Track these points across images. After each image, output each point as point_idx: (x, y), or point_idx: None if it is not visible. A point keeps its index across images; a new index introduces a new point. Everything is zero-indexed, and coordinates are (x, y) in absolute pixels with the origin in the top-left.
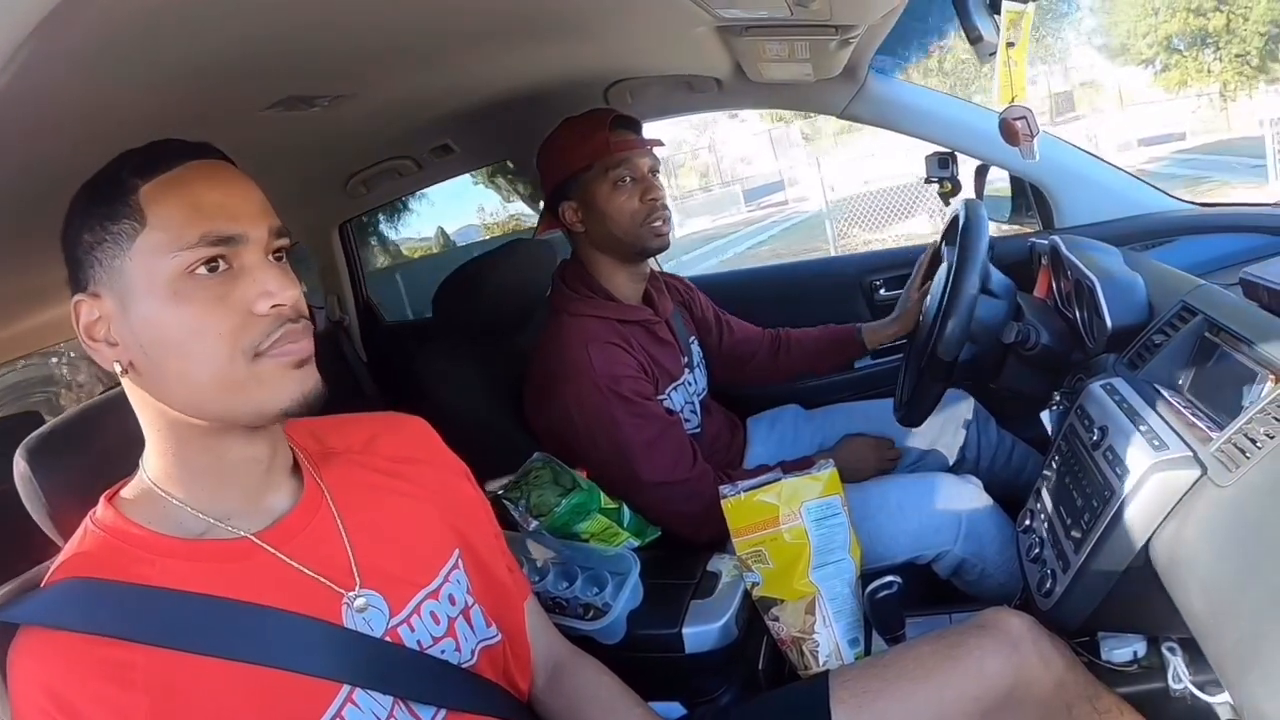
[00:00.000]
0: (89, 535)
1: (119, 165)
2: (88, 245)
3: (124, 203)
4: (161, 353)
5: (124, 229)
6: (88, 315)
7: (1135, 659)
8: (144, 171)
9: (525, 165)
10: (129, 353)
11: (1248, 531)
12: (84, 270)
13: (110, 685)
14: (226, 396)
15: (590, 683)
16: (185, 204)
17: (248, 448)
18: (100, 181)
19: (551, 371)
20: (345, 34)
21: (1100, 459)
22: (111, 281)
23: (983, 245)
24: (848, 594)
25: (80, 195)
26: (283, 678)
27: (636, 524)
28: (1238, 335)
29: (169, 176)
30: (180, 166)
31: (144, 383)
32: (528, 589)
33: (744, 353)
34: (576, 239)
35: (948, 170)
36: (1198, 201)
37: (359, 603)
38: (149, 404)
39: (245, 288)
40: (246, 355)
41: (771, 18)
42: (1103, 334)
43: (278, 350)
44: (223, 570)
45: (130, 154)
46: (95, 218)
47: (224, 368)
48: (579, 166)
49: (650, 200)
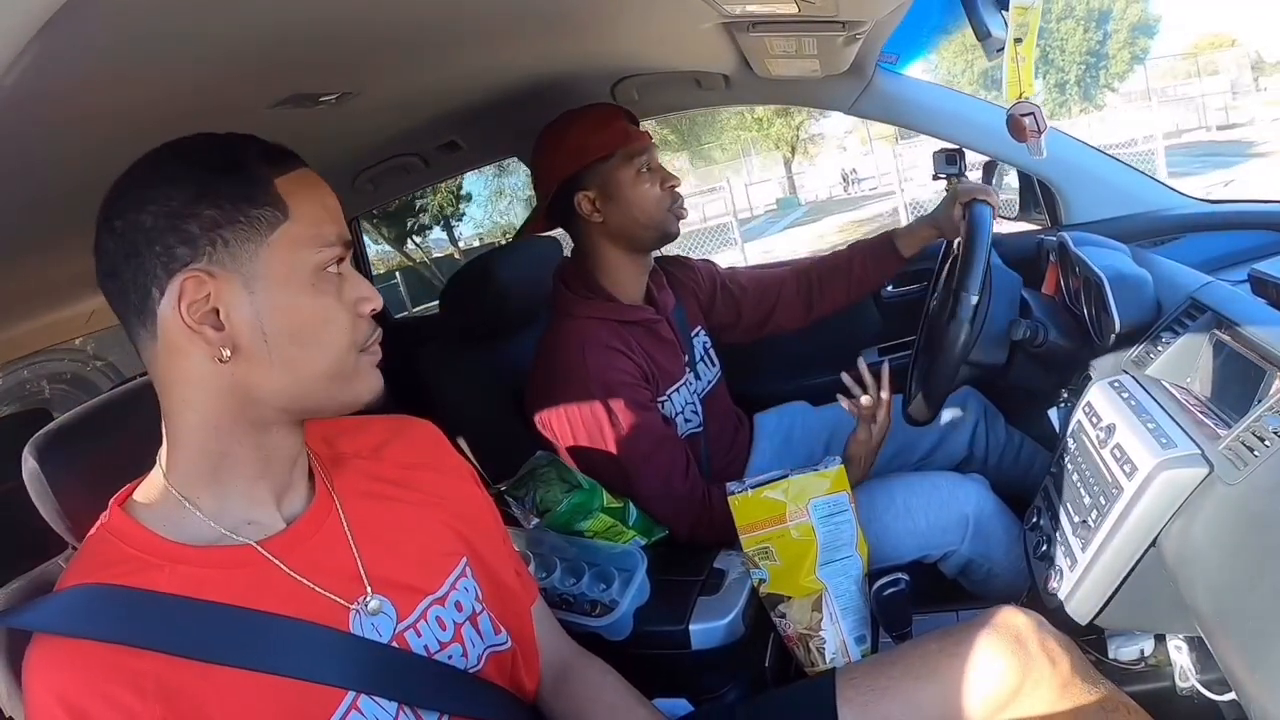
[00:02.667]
0: (101, 540)
1: (236, 150)
2: (210, 221)
3: (264, 190)
4: (287, 339)
5: (265, 215)
6: (194, 292)
7: (1142, 657)
8: (271, 162)
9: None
10: (239, 337)
11: (1256, 530)
12: (192, 247)
13: (125, 692)
14: (332, 385)
15: (595, 684)
16: (318, 204)
17: (290, 436)
18: (214, 161)
19: (550, 374)
20: (351, 31)
21: (1108, 456)
22: (237, 264)
23: (985, 249)
24: (855, 591)
25: (178, 169)
26: (290, 685)
27: (643, 522)
28: (1246, 332)
29: (295, 175)
30: (298, 169)
31: (242, 369)
32: (535, 592)
33: (768, 301)
34: (589, 231)
35: (955, 166)
36: (1206, 198)
37: (373, 605)
38: (230, 392)
39: (349, 290)
40: (355, 351)
41: (779, 14)
42: (1111, 331)
43: (373, 349)
44: (234, 577)
45: (234, 140)
46: (225, 197)
47: (341, 358)
48: (599, 154)
49: (670, 186)
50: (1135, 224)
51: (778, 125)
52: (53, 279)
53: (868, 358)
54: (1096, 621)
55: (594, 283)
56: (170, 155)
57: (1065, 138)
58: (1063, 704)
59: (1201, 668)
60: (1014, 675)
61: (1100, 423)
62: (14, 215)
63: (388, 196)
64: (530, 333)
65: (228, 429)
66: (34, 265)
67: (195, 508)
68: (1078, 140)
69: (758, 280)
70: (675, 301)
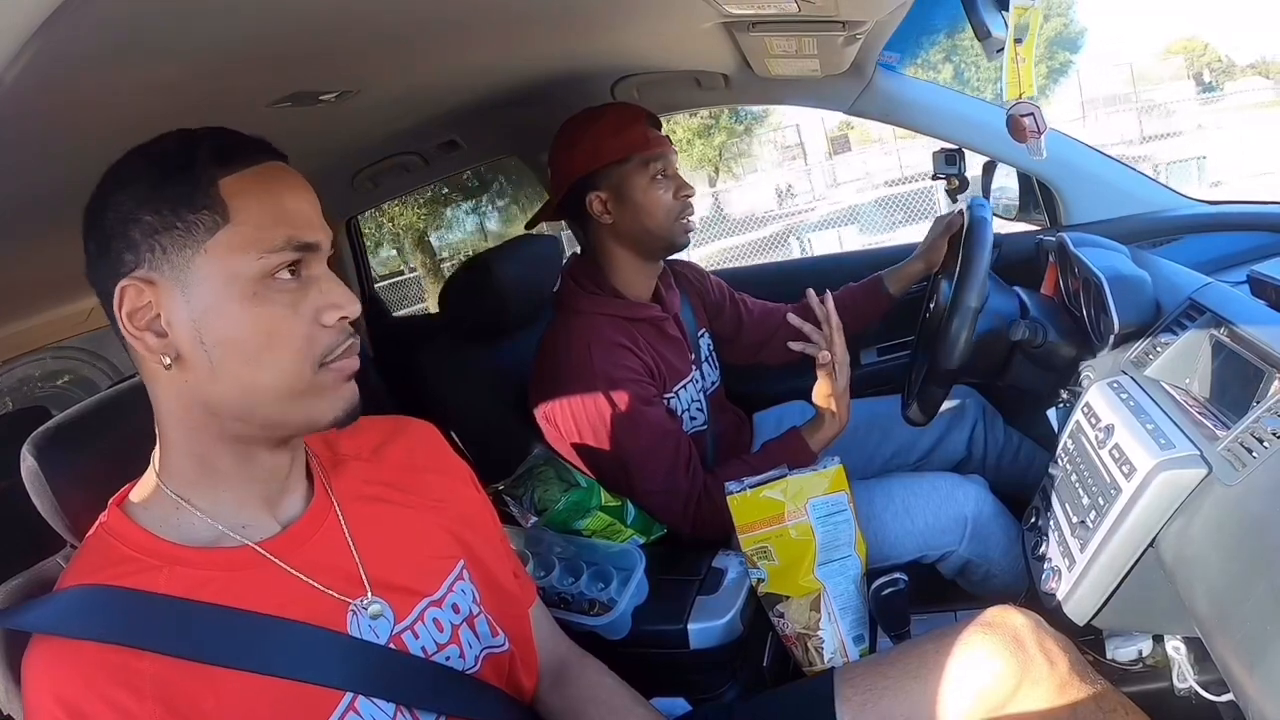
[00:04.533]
0: (101, 540)
1: (189, 148)
2: (150, 227)
3: (204, 192)
4: (226, 352)
5: (202, 220)
6: (134, 300)
7: (1140, 658)
8: (222, 161)
9: (531, 161)
10: (181, 346)
11: (1254, 531)
12: (136, 252)
13: (123, 693)
14: (285, 403)
15: (593, 684)
16: (269, 204)
17: (274, 456)
18: (168, 162)
19: (554, 369)
20: (351, 29)
21: (1106, 457)
22: (175, 271)
23: (985, 254)
24: (853, 591)
25: (138, 169)
26: (288, 687)
27: (641, 521)
28: (1245, 334)
29: (250, 173)
30: (258, 165)
31: (191, 379)
32: (534, 594)
33: (767, 330)
34: (599, 231)
35: (955, 167)
36: (1206, 199)
37: (373, 609)
38: (186, 401)
39: (315, 297)
40: (313, 366)
41: (779, 13)
42: (1110, 332)
43: (339, 364)
44: (232, 579)
45: (198, 138)
46: (165, 201)
47: (291, 375)
48: (615, 157)
49: (684, 196)
50: (1134, 225)
51: (699, 146)
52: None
53: (866, 358)
54: (1094, 622)
55: (603, 280)
56: (134, 155)
57: (1065, 138)
58: (1060, 703)
59: (1199, 668)
60: (1011, 674)
61: (1099, 423)
62: (12, 212)
63: (388, 195)
64: (530, 332)
65: (199, 435)
66: (32, 263)
67: (193, 508)
68: (1077, 141)
69: (763, 309)
70: (682, 300)
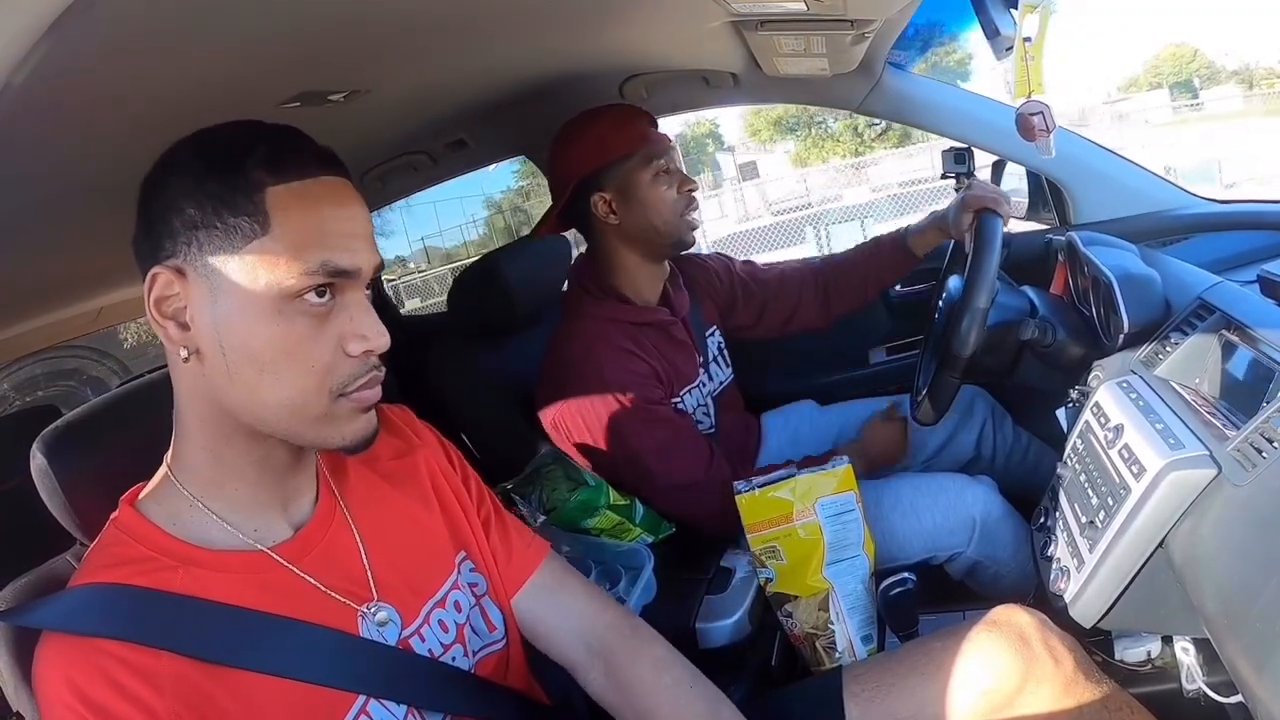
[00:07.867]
0: (114, 538)
1: (244, 148)
2: (190, 220)
3: (248, 198)
4: (243, 360)
5: (242, 225)
6: (164, 288)
7: (1149, 659)
8: (274, 169)
9: (539, 160)
10: (201, 343)
11: (1264, 531)
12: (174, 240)
13: (141, 687)
14: (294, 422)
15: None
16: (312, 223)
17: (282, 451)
18: (217, 157)
19: (561, 375)
20: (360, 29)
21: (1116, 457)
22: (207, 269)
23: (994, 256)
24: (861, 590)
25: (191, 157)
26: (303, 689)
27: (650, 520)
28: (1255, 333)
29: (299, 186)
30: (312, 179)
31: (208, 375)
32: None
33: (790, 300)
34: (604, 232)
35: (964, 165)
36: (1216, 198)
37: (380, 616)
38: (204, 395)
39: (342, 324)
40: (331, 394)
41: (787, 12)
42: (1119, 331)
43: (358, 395)
44: (246, 581)
45: (258, 137)
46: (210, 197)
47: (304, 399)
48: (619, 154)
49: (688, 191)
50: (1144, 224)
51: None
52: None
53: (875, 357)
54: (1103, 623)
55: (608, 284)
56: (188, 142)
57: (1074, 137)
58: (1066, 702)
59: (1208, 670)
60: (1016, 672)
61: (1108, 423)
62: (24, 213)
63: (396, 195)
64: (538, 331)
65: (225, 433)
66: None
67: (207, 509)
68: (1087, 139)
69: (780, 277)
70: (690, 302)
